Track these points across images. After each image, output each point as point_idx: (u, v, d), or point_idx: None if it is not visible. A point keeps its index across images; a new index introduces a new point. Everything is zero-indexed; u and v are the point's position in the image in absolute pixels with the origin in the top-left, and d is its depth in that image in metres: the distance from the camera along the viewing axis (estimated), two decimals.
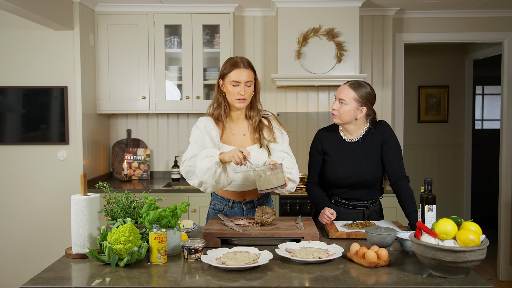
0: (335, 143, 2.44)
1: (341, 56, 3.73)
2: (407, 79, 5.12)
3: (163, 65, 3.90)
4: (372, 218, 2.46)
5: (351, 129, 2.41)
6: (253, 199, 2.38)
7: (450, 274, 1.57)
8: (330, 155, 2.43)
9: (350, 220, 2.42)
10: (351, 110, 2.32)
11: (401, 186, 2.36)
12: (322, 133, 2.50)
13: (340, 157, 2.41)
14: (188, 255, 1.77)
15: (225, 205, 2.37)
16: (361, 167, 2.37)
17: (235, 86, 2.21)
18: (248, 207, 2.38)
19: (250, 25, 4.14)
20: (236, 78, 2.20)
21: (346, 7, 3.75)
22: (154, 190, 3.67)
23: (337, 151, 2.42)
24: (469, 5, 3.99)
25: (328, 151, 2.44)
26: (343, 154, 2.41)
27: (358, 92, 2.32)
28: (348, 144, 2.42)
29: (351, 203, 2.44)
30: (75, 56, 3.60)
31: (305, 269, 1.68)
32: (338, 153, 2.42)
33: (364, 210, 2.45)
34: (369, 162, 2.38)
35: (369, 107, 2.36)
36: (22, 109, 3.63)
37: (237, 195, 2.36)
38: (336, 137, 2.45)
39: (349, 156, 2.40)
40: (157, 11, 3.87)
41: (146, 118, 4.28)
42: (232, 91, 2.21)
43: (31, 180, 3.65)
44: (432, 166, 5.68)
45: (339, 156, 2.41)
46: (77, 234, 1.83)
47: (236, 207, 2.37)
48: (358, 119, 2.36)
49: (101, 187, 2.05)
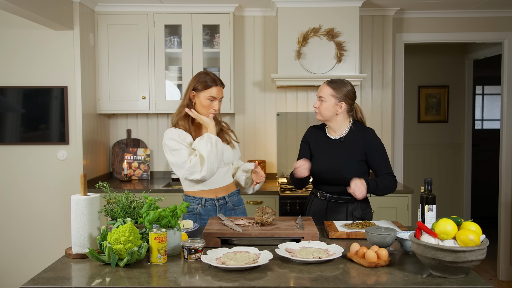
0: (320, 139, 2.56)
1: (341, 56, 3.73)
2: (407, 79, 5.12)
3: (163, 65, 3.91)
4: (357, 213, 2.50)
5: (334, 126, 2.52)
6: (224, 196, 2.51)
7: (450, 274, 1.57)
8: (314, 149, 2.56)
9: (336, 214, 2.50)
10: (330, 106, 2.45)
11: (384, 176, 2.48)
12: (311, 129, 2.65)
13: (322, 153, 2.52)
14: (188, 255, 1.78)
15: (198, 204, 2.47)
16: (340, 165, 2.45)
17: (211, 101, 2.42)
18: (221, 203, 2.49)
19: (250, 25, 4.14)
20: (215, 94, 2.42)
21: (346, 7, 3.75)
22: (154, 190, 3.67)
23: (320, 147, 2.54)
24: (469, 5, 3.99)
25: (313, 146, 2.58)
26: (326, 151, 2.52)
27: (335, 89, 2.45)
28: (331, 141, 2.53)
29: (335, 196, 2.52)
30: (75, 56, 3.60)
31: (305, 269, 1.68)
32: (322, 149, 2.54)
33: (348, 204, 2.50)
34: (349, 161, 2.46)
35: (348, 102, 2.48)
36: (22, 109, 3.63)
37: (209, 193, 2.48)
38: (323, 134, 2.58)
39: (331, 153, 2.50)
40: (157, 11, 3.87)
41: (146, 118, 4.28)
42: (208, 105, 2.43)
43: (31, 180, 3.65)
44: (432, 166, 5.68)
45: (322, 151, 2.53)
46: (77, 234, 1.83)
47: (209, 204, 2.47)
48: (339, 114, 2.48)
49: (101, 187, 2.05)
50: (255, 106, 4.18)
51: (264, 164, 4.04)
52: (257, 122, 4.19)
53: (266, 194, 3.61)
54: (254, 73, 4.17)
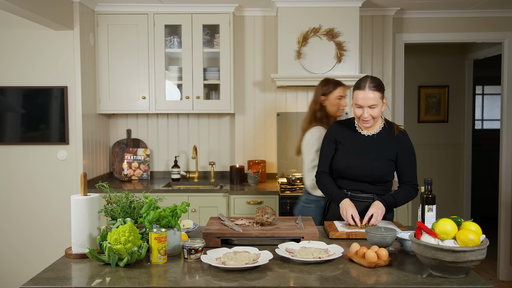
0: (350, 134, 2.45)
1: (341, 56, 3.73)
2: (407, 79, 5.12)
3: (163, 65, 3.91)
4: None
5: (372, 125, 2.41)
6: None
7: (450, 274, 1.57)
8: (344, 144, 2.45)
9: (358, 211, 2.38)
10: (379, 109, 2.34)
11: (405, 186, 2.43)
12: (338, 125, 2.53)
13: (352, 147, 2.42)
14: (188, 255, 1.78)
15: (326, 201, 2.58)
16: (371, 161, 2.37)
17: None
18: None
19: (250, 25, 4.14)
20: None
21: (346, 7, 3.75)
22: (154, 190, 3.67)
23: (350, 141, 2.44)
24: (469, 5, 3.99)
25: (342, 141, 2.46)
26: (356, 145, 2.42)
27: (380, 90, 2.32)
28: (362, 137, 2.43)
29: (357, 195, 2.42)
30: (75, 56, 3.60)
31: (305, 269, 1.68)
32: (351, 143, 2.43)
33: (370, 203, 2.40)
34: (380, 158, 2.38)
35: None
36: (22, 109, 3.63)
37: None
38: (352, 129, 2.46)
39: (362, 148, 2.40)
40: (157, 11, 3.87)
41: (146, 118, 4.28)
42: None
43: (31, 180, 3.65)
44: (432, 166, 5.68)
45: (351, 146, 2.42)
46: (77, 234, 1.83)
47: None
48: None
49: (101, 187, 2.05)
50: (255, 106, 4.18)
51: (264, 164, 4.04)
52: (257, 122, 4.18)
53: (266, 194, 3.62)
54: (254, 73, 4.17)
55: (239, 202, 3.63)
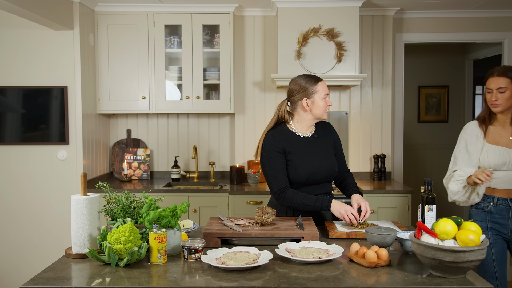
0: (293, 140, 2.35)
1: (341, 56, 3.73)
2: (407, 79, 5.12)
3: (163, 65, 3.91)
4: None
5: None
6: None
7: (450, 274, 1.57)
8: (294, 153, 2.32)
9: None
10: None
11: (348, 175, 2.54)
12: (276, 134, 2.36)
13: (302, 153, 2.34)
14: (188, 255, 1.78)
15: (490, 202, 2.54)
16: (327, 161, 2.38)
17: None
18: None
19: (250, 25, 4.14)
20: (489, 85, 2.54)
21: (346, 7, 3.75)
22: (154, 190, 3.67)
23: (298, 148, 2.34)
24: (469, 5, 3.99)
25: (291, 150, 2.33)
26: (304, 150, 2.34)
27: None
28: (304, 140, 2.37)
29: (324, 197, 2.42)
30: (75, 56, 3.60)
31: (305, 269, 1.68)
32: (300, 149, 2.34)
33: None
34: (330, 155, 2.42)
35: None
36: (22, 109, 3.63)
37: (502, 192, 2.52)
38: (291, 134, 2.37)
39: (310, 152, 2.35)
40: (157, 11, 3.87)
41: (146, 118, 4.28)
42: None
43: (31, 180, 3.65)
44: (432, 166, 5.68)
45: (301, 152, 2.34)
46: (77, 234, 1.83)
47: (501, 204, 2.51)
48: None
49: (101, 187, 2.05)
50: (255, 106, 4.18)
51: None
52: (257, 122, 4.18)
53: (266, 194, 3.62)
54: (254, 73, 4.17)
55: (239, 202, 3.63)
